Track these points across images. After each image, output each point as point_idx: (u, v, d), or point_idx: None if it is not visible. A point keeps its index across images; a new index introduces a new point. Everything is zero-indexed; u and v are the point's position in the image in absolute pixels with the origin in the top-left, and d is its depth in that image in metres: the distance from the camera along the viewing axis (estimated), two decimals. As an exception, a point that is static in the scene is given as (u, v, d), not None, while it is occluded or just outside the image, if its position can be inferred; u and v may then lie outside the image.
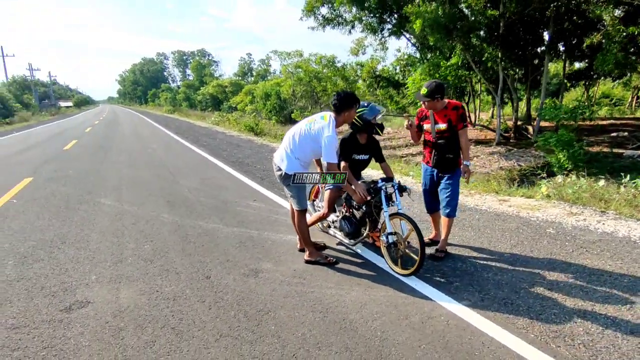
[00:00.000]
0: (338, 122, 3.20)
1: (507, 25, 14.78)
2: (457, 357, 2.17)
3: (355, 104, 3.22)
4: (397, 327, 2.47)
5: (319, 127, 3.15)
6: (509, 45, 15.41)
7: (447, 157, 3.49)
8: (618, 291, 2.88)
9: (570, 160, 11.64)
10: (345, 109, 3.16)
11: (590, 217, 4.68)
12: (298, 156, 3.29)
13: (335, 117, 3.19)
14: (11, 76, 51.11)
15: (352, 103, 3.18)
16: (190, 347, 2.27)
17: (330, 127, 3.12)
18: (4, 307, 2.73)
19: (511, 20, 14.84)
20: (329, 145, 3.10)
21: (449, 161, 3.50)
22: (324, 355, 2.19)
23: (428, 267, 3.35)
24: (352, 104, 3.18)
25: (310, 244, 3.46)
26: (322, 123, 3.16)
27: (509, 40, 15.24)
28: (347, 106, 3.16)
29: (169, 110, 45.88)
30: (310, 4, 16.10)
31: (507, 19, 14.61)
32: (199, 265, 3.39)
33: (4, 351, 2.25)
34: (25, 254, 3.69)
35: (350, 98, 3.19)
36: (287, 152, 3.31)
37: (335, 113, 3.21)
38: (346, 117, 3.21)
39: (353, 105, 3.19)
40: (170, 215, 4.86)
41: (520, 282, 3.05)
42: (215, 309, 2.68)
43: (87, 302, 2.79)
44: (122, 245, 3.87)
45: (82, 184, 6.77)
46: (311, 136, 3.19)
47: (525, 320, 2.54)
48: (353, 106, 3.19)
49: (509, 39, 15.19)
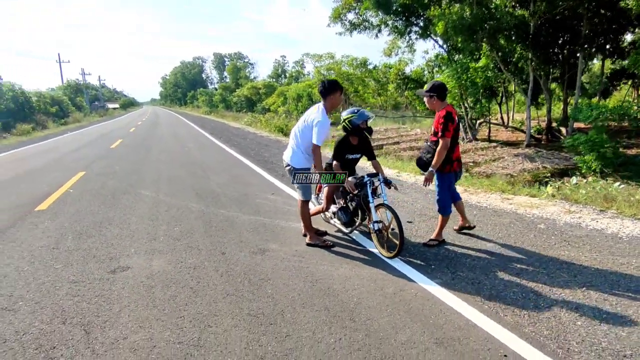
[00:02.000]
0: (326, 107, 3.73)
1: (537, 25, 14.54)
2: (415, 319, 2.63)
3: (338, 89, 3.73)
4: (371, 295, 2.95)
5: (313, 117, 3.71)
6: (540, 45, 15.12)
7: (423, 159, 3.83)
8: (580, 277, 3.19)
9: (599, 162, 11.36)
10: (329, 93, 3.70)
11: (586, 215, 4.87)
12: (303, 149, 3.85)
13: (324, 104, 3.73)
14: (66, 80, 55.54)
15: (335, 89, 3.71)
16: (203, 301, 2.89)
17: (320, 113, 3.68)
18: (67, 269, 3.50)
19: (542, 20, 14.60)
20: (319, 129, 3.64)
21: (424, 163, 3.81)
22: (307, 312, 2.73)
23: (413, 252, 3.79)
24: (335, 90, 3.71)
25: (311, 229, 4.01)
26: (314, 113, 3.72)
27: (540, 40, 14.97)
28: (331, 91, 3.70)
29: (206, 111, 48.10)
30: (337, 11, 16.65)
31: (539, 19, 14.39)
32: (217, 244, 4.03)
33: (68, 297, 2.98)
34: (81, 231, 4.51)
35: (333, 85, 3.73)
36: (294, 148, 3.89)
37: (322, 100, 3.74)
38: (332, 100, 3.73)
39: (336, 91, 3.72)
40: (197, 204, 5.58)
41: (493, 267, 3.43)
42: (226, 276, 3.29)
43: (127, 267, 3.50)
44: (156, 227, 4.60)
45: (125, 178, 7.71)
46: (309, 127, 3.74)
47: (485, 295, 2.93)
48: (337, 91, 3.72)
49: (540, 38, 14.92)
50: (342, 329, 2.51)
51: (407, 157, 13.16)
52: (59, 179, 7.70)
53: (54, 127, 28.44)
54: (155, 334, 2.49)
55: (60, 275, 3.36)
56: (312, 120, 3.72)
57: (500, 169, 11.91)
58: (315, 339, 2.42)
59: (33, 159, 11.25)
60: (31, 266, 3.57)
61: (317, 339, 2.41)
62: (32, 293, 3.06)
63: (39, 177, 8.12)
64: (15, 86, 27.59)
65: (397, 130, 22.48)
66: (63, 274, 3.39)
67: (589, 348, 2.30)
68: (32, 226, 4.74)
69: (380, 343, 2.37)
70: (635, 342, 2.33)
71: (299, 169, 3.87)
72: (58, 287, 3.14)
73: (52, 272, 3.42)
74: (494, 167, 12.21)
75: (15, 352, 2.33)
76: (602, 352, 2.26)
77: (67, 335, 2.49)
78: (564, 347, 2.31)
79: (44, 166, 9.64)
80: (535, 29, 14.53)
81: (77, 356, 2.28)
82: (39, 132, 23.66)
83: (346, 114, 3.87)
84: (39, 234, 4.44)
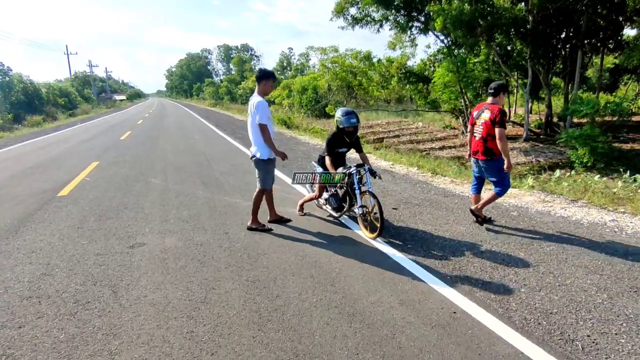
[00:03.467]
0: (260, 91, 4.19)
1: (536, 21, 14.76)
2: (385, 285, 3.14)
3: (271, 77, 4.21)
4: (352, 267, 3.47)
5: (252, 103, 4.17)
6: (538, 40, 15.34)
7: None
8: (535, 255, 3.67)
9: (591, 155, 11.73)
10: (263, 79, 4.17)
11: (557, 205, 5.34)
12: (262, 141, 4.18)
13: (258, 89, 4.20)
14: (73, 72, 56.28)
15: (268, 77, 4.20)
16: (208, 269, 3.43)
17: (255, 97, 4.16)
18: (92, 244, 4.05)
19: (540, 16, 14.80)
20: (260, 110, 4.08)
21: None
22: (295, 279, 3.25)
23: (394, 234, 4.29)
24: (268, 77, 4.19)
25: (256, 214, 4.39)
26: (252, 101, 4.20)
27: (538, 35, 15.18)
28: (264, 78, 4.17)
29: (212, 103, 48.56)
30: (340, 5, 16.98)
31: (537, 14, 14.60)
32: (221, 225, 4.57)
33: (95, 266, 3.53)
34: (101, 214, 5.07)
35: (265, 72, 4.22)
36: (255, 141, 4.25)
37: (257, 85, 4.21)
38: (265, 86, 4.18)
39: (269, 78, 4.19)
40: (203, 192, 6.11)
41: (461, 247, 3.92)
42: (228, 251, 3.82)
43: (143, 244, 4.04)
44: (167, 211, 5.14)
45: (136, 167, 8.27)
46: (254, 114, 4.15)
47: (449, 268, 3.43)
48: (269, 79, 4.18)
49: (538, 33, 15.14)
50: (323, 292, 3.03)
51: (405, 149, 13.60)
52: (75, 168, 8.28)
53: (63, 118, 29.15)
54: (170, 293, 3.03)
55: (86, 249, 3.91)
56: (253, 107, 4.15)
57: (494, 162, 12.28)
58: (300, 298, 2.94)
59: (49, 148, 11.87)
60: (61, 242, 4.13)
61: (301, 299, 2.94)
62: (65, 262, 3.61)
63: (57, 166, 8.71)
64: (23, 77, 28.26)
65: (399, 123, 22.83)
66: (89, 248, 3.95)
67: (524, 307, 2.80)
68: (57, 209, 5.30)
69: (353, 302, 2.89)
70: (563, 304, 2.83)
71: (263, 160, 4.23)
72: (86, 259, 3.69)
73: (80, 247, 3.98)
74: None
75: (58, 305, 2.88)
76: (534, 311, 2.76)
77: (98, 293, 3.04)
78: (505, 307, 2.82)
79: (59, 156, 10.25)
80: (534, 24, 14.76)
81: (108, 309, 2.83)
82: (49, 123, 24.36)
83: (338, 114, 4.33)
84: (64, 216, 5.00)
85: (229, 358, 2.30)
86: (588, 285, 3.10)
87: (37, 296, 3.02)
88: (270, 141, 4.19)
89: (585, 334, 2.49)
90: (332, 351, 2.35)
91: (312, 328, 2.57)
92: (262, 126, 4.13)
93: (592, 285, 3.09)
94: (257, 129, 4.18)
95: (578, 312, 2.73)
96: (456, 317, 2.70)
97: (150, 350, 2.38)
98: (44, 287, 3.15)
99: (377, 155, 9.97)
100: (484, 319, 2.66)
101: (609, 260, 3.53)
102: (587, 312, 2.73)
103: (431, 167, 7.93)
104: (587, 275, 3.26)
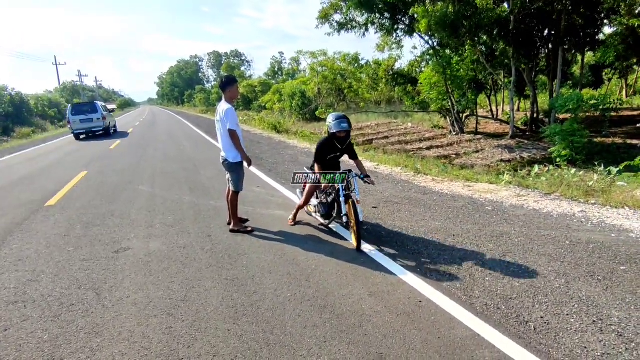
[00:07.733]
0: (227, 98, 4.33)
1: (518, 21, 15.11)
2: (357, 279, 3.30)
3: (234, 82, 4.35)
4: (327, 263, 3.63)
5: (221, 110, 4.30)
6: (520, 39, 15.70)
7: None
8: (504, 246, 3.86)
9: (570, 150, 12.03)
10: (227, 87, 4.30)
11: (531, 199, 5.54)
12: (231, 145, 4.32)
13: (225, 97, 4.34)
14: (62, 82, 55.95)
15: (231, 82, 4.33)
16: (190, 270, 3.57)
17: (223, 104, 4.29)
18: (78, 251, 4.17)
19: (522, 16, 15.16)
20: (229, 116, 4.20)
21: None
22: (272, 276, 3.40)
23: (371, 231, 4.45)
24: (231, 83, 4.32)
25: (236, 216, 4.56)
26: (220, 107, 4.33)
27: (520, 35, 15.54)
28: (228, 85, 4.30)
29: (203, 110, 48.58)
30: (324, 11, 17.23)
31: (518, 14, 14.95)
32: (205, 229, 4.70)
33: (80, 271, 3.65)
34: (87, 222, 5.18)
35: (228, 79, 4.36)
36: (225, 146, 4.39)
37: (223, 94, 4.34)
38: (230, 93, 4.31)
39: (233, 84, 4.32)
40: (190, 197, 6.24)
41: (434, 240, 4.09)
42: (210, 253, 3.96)
43: (128, 248, 4.17)
44: (153, 217, 5.27)
45: (124, 175, 8.37)
46: (223, 121, 4.28)
47: (420, 261, 3.60)
48: (233, 84, 4.32)
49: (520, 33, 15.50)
50: (298, 287, 3.19)
51: (393, 150, 13.82)
52: (63, 178, 8.37)
53: (53, 129, 29.04)
54: (151, 293, 3.16)
55: (72, 256, 4.03)
56: (221, 113, 4.28)
57: (480, 160, 12.57)
58: (276, 294, 3.10)
59: (38, 159, 11.90)
60: (47, 249, 4.24)
61: (277, 294, 3.09)
62: (51, 268, 3.73)
63: (46, 176, 8.79)
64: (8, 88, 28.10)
65: (389, 125, 23.11)
66: (75, 254, 4.07)
67: (486, 294, 2.98)
68: (44, 219, 5.41)
69: (326, 295, 3.04)
70: (522, 290, 3.01)
71: (234, 163, 4.38)
72: (72, 264, 3.81)
73: (66, 253, 4.10)
74: (474, 159, 12.87)
75: (43, 308, 3.01)
76: (495, 297, 2.94)
77: (82, 296, 3.17)
78: (468, 295, 2.99)
79: (48, 166, 10.31)
80: (516, 24, 15.12)
81: (91, 310, 2.96)
82: (39, 134, 24.29)
83: (329, 120, 4.24)
84: (51, 225, 5.11)
85: (204, 350, 2.45)
86: (549, 271, 3.29)
87: (23, 301, 3.14)
88: (239, 146, 4.33)
89: (539, 316, 2.67)
90: (302, 340, 2.50)
91: (284, 320, 2.72)
92: (232, 132, 4.26)
93: (552, 272, 3.28)
94: (227, 135, 4.31)
95: (535, 297, 2.91)
96: (421, 305, 2.87)
97: (131, 345, 2.51)
98: (29, 292, 3.27)
99: (364, 157, 10.15)
100: (447, 306, 2.83)
101: (572, 248, 3.73)
102: (544, 296, 2.92)
103: (415, 167, 8.12)
104: (549, 263, 3.45)
